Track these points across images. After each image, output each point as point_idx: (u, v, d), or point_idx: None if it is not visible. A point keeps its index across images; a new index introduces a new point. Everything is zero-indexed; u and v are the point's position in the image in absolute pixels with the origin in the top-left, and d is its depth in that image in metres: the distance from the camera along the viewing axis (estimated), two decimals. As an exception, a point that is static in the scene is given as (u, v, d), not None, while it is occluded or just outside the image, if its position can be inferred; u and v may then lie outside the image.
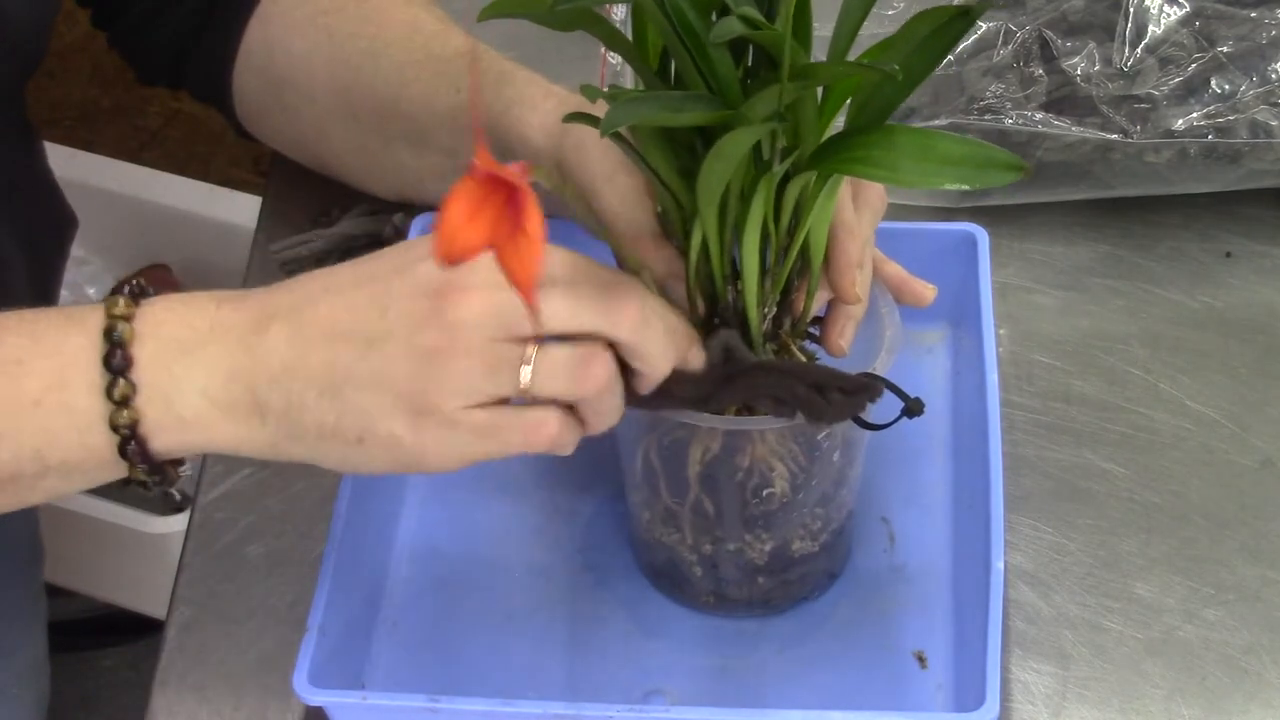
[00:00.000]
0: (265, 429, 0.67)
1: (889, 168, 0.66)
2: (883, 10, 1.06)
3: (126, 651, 1.74)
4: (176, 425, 0.67)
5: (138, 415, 0.66)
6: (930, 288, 0.79)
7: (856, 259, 0.73)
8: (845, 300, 0.74)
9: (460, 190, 0.55)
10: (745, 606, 0.82)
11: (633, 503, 0.82)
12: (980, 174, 0.65)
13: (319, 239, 0.96)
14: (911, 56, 0.66)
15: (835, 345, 0.75)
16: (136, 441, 0.66)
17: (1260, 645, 0.81)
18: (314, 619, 0.75)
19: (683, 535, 0.79)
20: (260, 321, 0.67)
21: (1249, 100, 0.96)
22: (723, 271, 0.71)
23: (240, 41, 0.93)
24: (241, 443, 0.68)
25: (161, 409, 0.66)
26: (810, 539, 0.79)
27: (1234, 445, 0.89)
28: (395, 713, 0.74)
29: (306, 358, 0.66)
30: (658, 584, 0.84)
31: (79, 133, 1.94)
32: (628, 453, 0.79)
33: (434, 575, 0.85)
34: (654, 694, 0.80)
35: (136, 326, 0.67)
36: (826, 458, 0.77)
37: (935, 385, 0.90)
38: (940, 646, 0.80)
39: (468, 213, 0.55)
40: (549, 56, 0.95)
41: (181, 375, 0.66)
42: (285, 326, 0.67)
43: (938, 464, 0.87)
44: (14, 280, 0.93)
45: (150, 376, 0.66)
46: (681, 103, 0.65)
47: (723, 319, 0.72)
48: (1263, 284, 0.97)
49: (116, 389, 0.66)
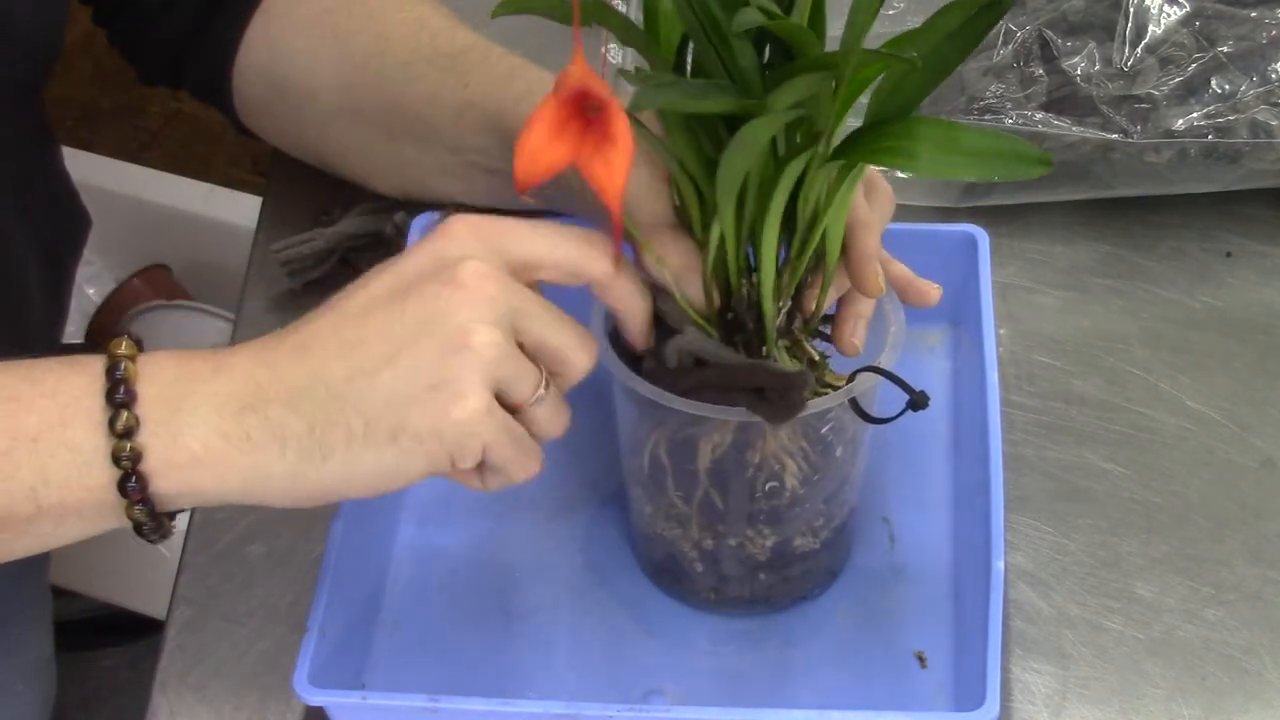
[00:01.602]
0: (286, 458, 0.65)
1: (914, 158, 0.66)
2: (883, 10, 1.06)
3: (126, 651, 1.73)
4: (184, 463, 0.65)
5: (141, 450, 0.65)
6: (935, 288, 0.79)
7: (875, 252, 0.74)
8: (867, 293, 0.74)
9: (544, 108, 0.55)
10: (746, 603, 0.82)
11: (634, 498, 0.82)
12: (1007, 167, 0.65)
13: (319, 238, 0.96)
14: (939, 48, 0.66)
15: (848, 343, 0.75)
16: (137, 478, 0.65)
17: (1260, 645, 0.81)
18: (314, 619, 0.75)
19: (684, 530, 0.79)
20: (265, 357, 0.66)
21: (1249, 100, 0.96)
22: (738, 265, 0.71)
23: (242, 39, 0.93)
24: (256, 477, 0.66)
25: (168, 444, 0.65)
26: (812, 535, 0.79)
27: (1234, 445, 0.89)
28: (395, 713, 0.74)
29: (323, 372, 0.65)
30: (658, 580, 0.84)
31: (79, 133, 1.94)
32: (632, 448, 0.79)
33: (434, 575, 0.85)
34: (654, 693, 0.80)
35: (140, 367, 0.66)
36: (833, 454, 0.77)
37: (936, 385, 0.90)
38: (941, 646, 0.80)
39: (551, 131, 0.55)
40: (550, 57, 0.94)
41: (189, 411, 0.65)
42: (295, 353, 0.66)
43: (938, 464, 0.87)
44: (30, 279, 0.93)
45: (155, 413, 0.65)
46: (707, 90, 0.65)
47: (736, 313, 0.72)
48: (1263, 284, 0.97)
49: (120, 421, 0.64)
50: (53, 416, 0.65)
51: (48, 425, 0.65)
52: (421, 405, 0.65)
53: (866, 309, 0.75)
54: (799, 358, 0.74)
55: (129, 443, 0.64)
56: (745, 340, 0.73)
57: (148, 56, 0.97)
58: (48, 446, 0.65)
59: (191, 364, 0.66)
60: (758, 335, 0.73)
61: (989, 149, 0.66)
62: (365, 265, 0.95)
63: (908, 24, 1.05)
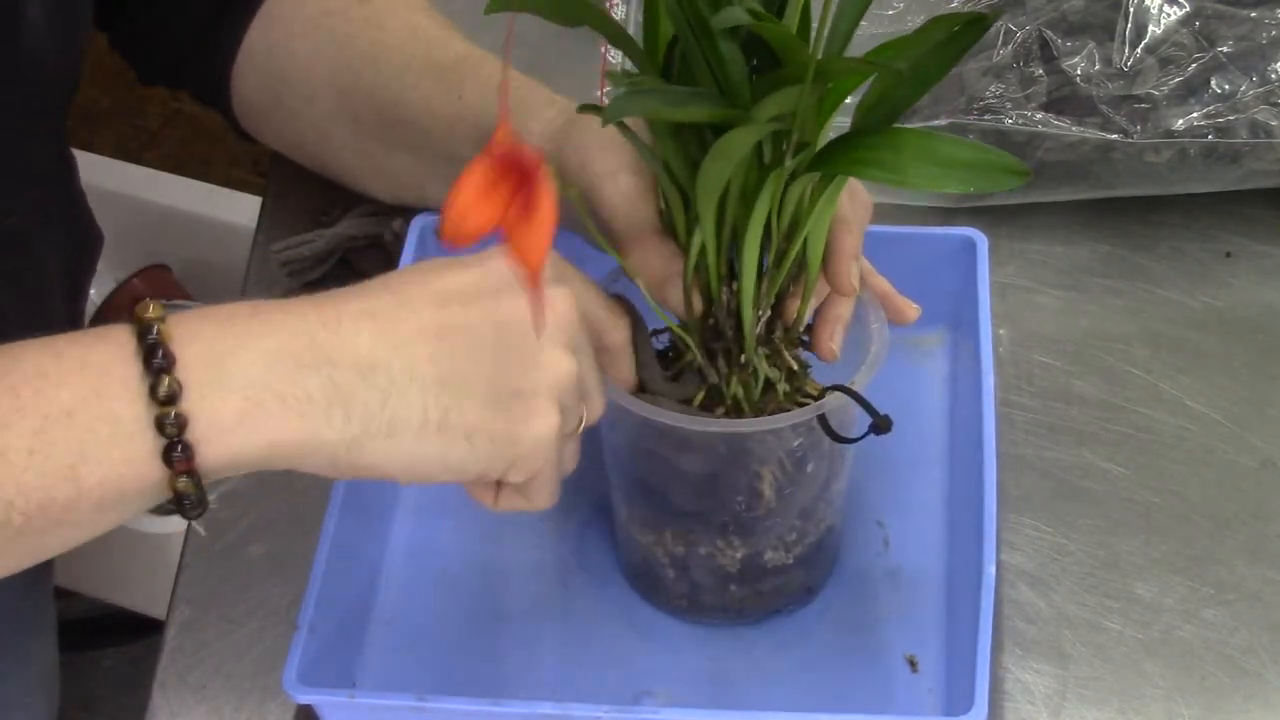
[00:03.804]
0: (349, 426, 0.63)
1: (894, 170, 0.66)
2: (882, 10, 1.06)
3: (126, 651, 1.73)
4: (232, 423, 0.61)
5: (187, 416, 0.61)
6: (914, 307, 0.79)
7: (853, 251, 0.74)
8: (842, 290, 0.74)
9: (474, 168, 0.55)
10: (719, 613, 0.82)
11: (616, 500, 0.82)
12: (983, 178, 0.66)
13: (319, 239, 0.96)
14: (923, 60, 0.66)
15: (825, 348, 0.75)
16: (184, 447, 0.61)
17: (1260, 645, 0.81)
18: (304, 617, 0.75)
19: (658, 536, 0.79)
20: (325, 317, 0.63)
21: (1249, 100, 0.96)
22: (719, 272, 0.71)
23: (242, 42, 0.93)
24: (309, 441, 0.63)
25: (216, 407, 0.61)
26: (784, 550, 0.79)
27: (1234, 445, 0.89)
28: (384, 712, 0.74)
29: (405, 350, 0.63)
30: (636, 585, 0.84)
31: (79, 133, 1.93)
32: (614, 450, 0.79)
33: (427, 575, 0.85)
34: (644, 695, 0.79)
35: (172, 329, 0.62)
36: (804, 469, 0.76)
37: (933, 389, 0.90)
38: (932, 650, 0.80)
39: (480, 192, 0.55)
40: (550, 57, 0.95)
41: (236, 370, 0.61)
42: (364, 320, 0.64)
43: (934, 468, 0.87)
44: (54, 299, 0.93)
45: (200, 374, 0.61)
46: (686, 98, 0.65)
47: (717, 320, 0.73)
48: (1263, 284, 0.97)
49: (162, 387, 0.60)
50: (86, 389, 0.60)
51: (81, 398, 0.60)
52: (506, 411, 0.65)
53: (845, 312, 0.75)
54: (779, 366, 0.74)
55: (173, 409, 0.60)
56: (725, 348, 0.73)
57: (148, 57, 0.97)
58: (85, 421, 0.60)
59: (233, 320, 0.63)
60: (737, 343, 0.73)
61: (967, 160, 0.66)
62: (365, 266, 0.95)
63: (908, 24, 1.05)
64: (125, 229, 1.70)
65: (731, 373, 0.73)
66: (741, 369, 0.73)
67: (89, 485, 0.61)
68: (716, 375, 0.74)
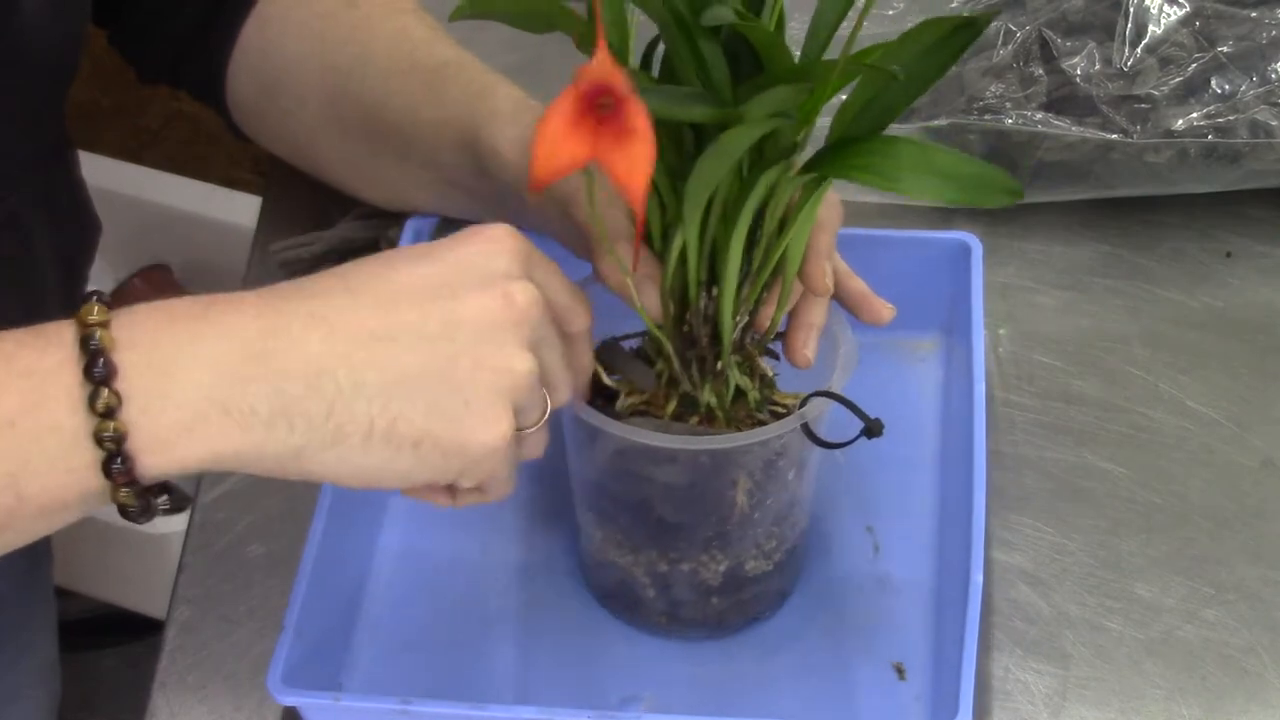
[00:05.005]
0: (292, 437, 0.62)
1: (890, 178, 0.66)
2: (882, 10, 1.06)
3: (126, 651, 1.74)
4: (173, 436, 0.60)
5: (125, 428, 0.60)
6: (889, 308, 0.78)
7: (826, 251, 0.74)
8: (815, 291, 0.74)
9: (560, 102, 0.54)
10: (699, 627, 0.81)
11: (584, 523, 0.81)
12: (977, 193, 0.66)
13: (318, 241, 0.96)
14: (916, 62, 0.66)
15: (800, 354, 0.75)
16: (123, 459, 0.60)
17: (1260, 645, 0.81)
18: (290, 618, 0.74)
19: (636, 557, 0.78)
20: (273, 323, 0.62)
21: (1249, 100, 0.96)
22: (699, 277, 0.71)
23: (237, 41, 0.93)
24: (252, 450, 0.62)
25: (156, 419, 0.60)
26: (764, 558, 0.78)
27: (1234, 445, 0.89)
28: (368, 715, 0.74)
29: (351, 356, 0.62)
30: (608, 606, 0.83)
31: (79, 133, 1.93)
32: (580, 473, 0.78)
33: (416, 578, 0.84)
34: (631, 700, 0.79)
35: (115, 333, 0.60)
36: (782, 476, 0.76)
37: (926, 394, 0.90)
38: (920, 657, 0.80)
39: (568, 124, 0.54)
40: (550, 58, 0.94)
41: (179, 378, 0.60)
42: (312, 325, 0.62)
43: (926, 473, 0.87)
44: (49, 286, 0.93)
45: (139, 384, 0.60)
46: (686, 99, 0.65)
47: (692, 325, 0.72)
48: (1263, 284, 0.97)
49: (100, 399, 0.59)
50: (29, 397, 0.60)
51: (23, 408, 0.60)
52: (455, 420, 0.63)
53: (819, 318, 0.75)
54: (750, 374, 0.74)
55: (112, 422, 0.60)
56: (699, 356, 0.73)
57: (147, 56, 0.97)
58: (26, 431, 0.60)
59: (176, 321, 0.62)
60: (712, 350, 0.72)
61: (960, 173, 0.66)
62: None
63: (908, 24, 1.05)
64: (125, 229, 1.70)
65: (706, 381, 0.73)
66: (716, 377, 0.73)
67: (30, 493, 0.60)
68: (690, 384, 0.73)
